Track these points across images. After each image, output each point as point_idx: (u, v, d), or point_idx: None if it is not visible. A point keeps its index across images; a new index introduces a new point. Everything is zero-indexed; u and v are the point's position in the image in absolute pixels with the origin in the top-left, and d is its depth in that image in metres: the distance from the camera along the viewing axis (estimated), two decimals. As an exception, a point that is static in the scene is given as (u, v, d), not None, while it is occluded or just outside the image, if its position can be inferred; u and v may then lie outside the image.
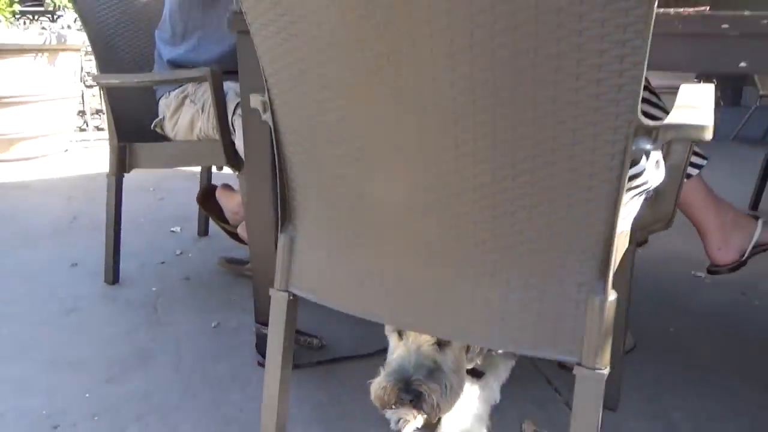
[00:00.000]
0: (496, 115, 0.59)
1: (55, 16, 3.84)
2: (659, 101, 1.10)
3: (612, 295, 0.64)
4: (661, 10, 0.91)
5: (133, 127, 1.64)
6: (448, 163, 0.64)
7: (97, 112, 4.29)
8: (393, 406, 0.86)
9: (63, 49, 3.34)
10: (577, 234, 0.63)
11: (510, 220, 0.65)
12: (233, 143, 1.43)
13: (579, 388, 0.66)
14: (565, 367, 1.23)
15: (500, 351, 0.99)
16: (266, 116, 0.81)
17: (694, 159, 1.17)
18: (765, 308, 1.64)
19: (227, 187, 1.83)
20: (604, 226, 0.62)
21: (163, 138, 1.63)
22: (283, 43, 0.71)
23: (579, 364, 0.65)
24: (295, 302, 0.87)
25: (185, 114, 1.52)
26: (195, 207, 2.08)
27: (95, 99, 4.38)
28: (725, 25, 0.86)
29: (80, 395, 1.21)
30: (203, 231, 2.20)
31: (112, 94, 1.60)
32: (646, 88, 1.11)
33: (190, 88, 1.52)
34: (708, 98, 0.78)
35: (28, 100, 3.27)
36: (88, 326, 1.51)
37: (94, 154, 3.80)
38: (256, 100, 0.83)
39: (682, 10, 0.88)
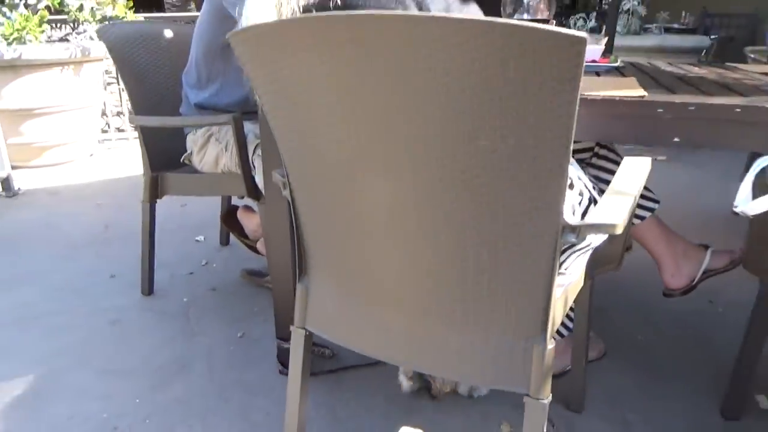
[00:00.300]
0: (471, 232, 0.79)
1: (77, 25, 4.04)
2: (617, 157, 1.28)
3: (551, 344, 0.85)
4: (609, 94, 1.10)
5: (164, 159, 1.85)
6: (431, 247, 0.85)
7: (118, 113, 4.51)
8: (411, 380, 1.40)
9: (87, 61, 3.55)
10: (524, 303, 0.83)
11: (477, 291, 0.85)
12: (253, 178, 1.64)
13: (527, 412, 0.87)
14: None
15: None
16: (285, 192, 1.01)
17: (646, 203, 1.36)
18: (729, 315, 1.83)
19: (248, 208, 2.05)
20: (544, 297, 0.82)
21: (191, 168, 1.84)
22: (295, 134, 0.90)
23: (527, 395, 0.86)
24: (310, 336, 1.08)
25: (211, 151, 1.73)
26: (215, 215, 2.31)
27: (114, 96, 4.59)
28: (660, 109, 1.05)
29: (131, 401, 1.45)
30: (225, 240, 2.43)
31: (145, 131, 1.81)
32: (605, 146, 1.30)
33: (214, 128, 1.72)
34: (640, 177, 0.97)
35: (56, 110, 3.49)
36: (130, 336, 1.74)
37: (117, 156, 4.04)
38: (276, 178, 1.03)
39: (624, 95, 1.07)
